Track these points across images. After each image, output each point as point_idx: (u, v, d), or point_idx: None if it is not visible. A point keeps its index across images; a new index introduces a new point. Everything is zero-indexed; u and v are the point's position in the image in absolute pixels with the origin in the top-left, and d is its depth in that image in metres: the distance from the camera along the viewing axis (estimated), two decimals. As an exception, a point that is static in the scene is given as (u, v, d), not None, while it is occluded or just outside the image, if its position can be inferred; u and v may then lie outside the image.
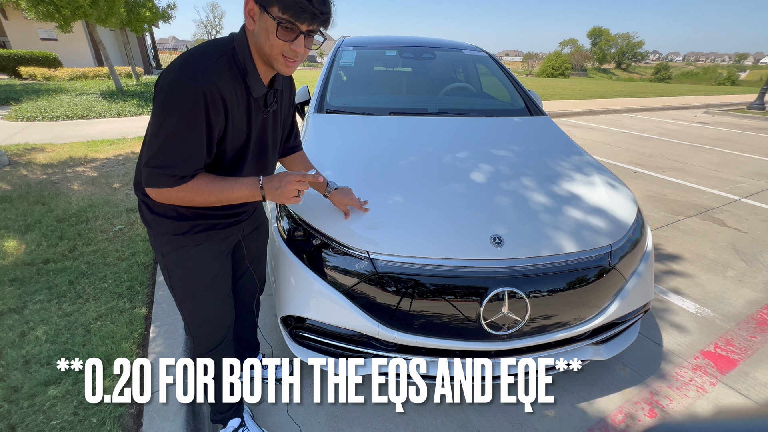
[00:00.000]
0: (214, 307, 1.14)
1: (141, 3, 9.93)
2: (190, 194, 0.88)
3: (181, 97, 0.79)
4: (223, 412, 1.32)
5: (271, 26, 0.81)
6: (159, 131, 0.81)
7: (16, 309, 1.89)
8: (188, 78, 0.79)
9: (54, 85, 10.68)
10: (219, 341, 1.19)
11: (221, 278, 1.12)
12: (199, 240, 1.02)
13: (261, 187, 0.94)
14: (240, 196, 0.94)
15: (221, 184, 0.91)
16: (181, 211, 0.98)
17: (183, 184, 0.86)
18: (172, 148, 0.82)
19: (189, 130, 0.81)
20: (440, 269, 1.25)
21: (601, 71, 73.69)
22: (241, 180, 0.94)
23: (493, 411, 1.52)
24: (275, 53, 0.85)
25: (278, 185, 0.95)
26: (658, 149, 6.23)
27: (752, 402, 1.61)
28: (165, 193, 0.87)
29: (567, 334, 1.36)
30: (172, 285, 1.08)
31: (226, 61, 0.86)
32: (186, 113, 0.80)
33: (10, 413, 1.36)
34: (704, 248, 2.91)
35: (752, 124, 9.41)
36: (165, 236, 1.00)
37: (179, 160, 0.83)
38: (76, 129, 5.97)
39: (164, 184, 0.85)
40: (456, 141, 1.95)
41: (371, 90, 2.68)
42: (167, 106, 0.80)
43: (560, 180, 1.66)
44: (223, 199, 0.92)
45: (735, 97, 17.05)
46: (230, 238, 1.12)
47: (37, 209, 2.95)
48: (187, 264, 1.03)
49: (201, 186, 0.88)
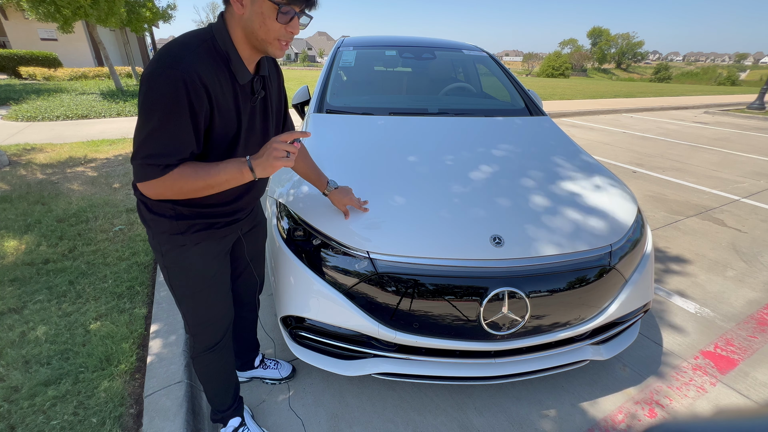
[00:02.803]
0: (214, 305, 1.14)
1: (141, 3, 9.91)
2: (178, 182, 0.86)
3: (160, 86, 0.79)
4: (223, 411, 1.31)
5: (268, 10, 0.81)
6: (143, 123, 0.81)
7: (16, 309, 1.89)
8: (166, 67, 0.79)
9: (54, 85, 10.68)
10: (218, 340, 1.20)
11: (220, 277, 1.12)
12: (197, 239, 1.02)
13: (250, 165, 0.89)
14: (228, 177, 0.90)
15: (207, 167, 0.89)
16: (179, 211, 0.98)
17: (169, 173, 0.85)
18: (156, 137, 0.82)
19: (172, 118, 0.81)
20: (440, 269, 1.25)
21: (601, 71, 73.70)
22: (229, 161, 0.91)
23: (493, 411, 1.52)
24: (271, 38, 0.85)
25: (263, 152, 0.90)
26: (658, 149, 6.23)
27: (752, 402, 1.61)
28: (154, 185, 0.86)
29: (567, 334, 1.36)
30: (172, 284, 1.08)
31: (206, 49, 0.85)
32: (167, 101, 0.80)
33: (10, 413, 1.36)
34: (704, 248, 2.91)
35: (752, 124, 9.41)
36: (164, 235, 1.00)
37: (165, 149, 0.83)
38: (76, 129, 5.97)
39: (152, 174, 0.84)
40: (456, 141, 1.95)
41: (371, 90, 2.68)
42: (148, 98, 0.80)
43: (560, 180, 1.66)
44: (211, 183, 0.89)
45: (735, 97, 17.05)
46: (229, 237, 1.12)
47: (37, 209, 2.95)
48: (186, 263, 1.03)
49: (187, 172, 0.86)
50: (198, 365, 1.23)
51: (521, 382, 1.64)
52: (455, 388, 1.61)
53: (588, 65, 74.01)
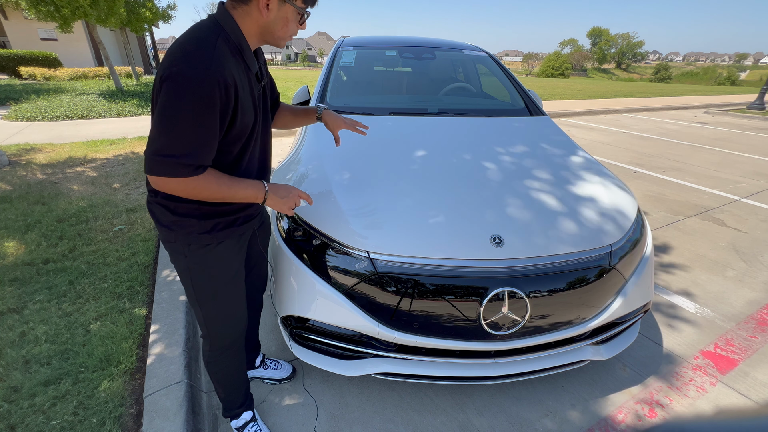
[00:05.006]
0: (234, 304, 1.15)
1: (141, 3, 9.92)
2: (199, 186, 0.88)
3: (194, 87, 0.79)
4: (236, 408, 1.34)
5: (292, 15, 0.92)
6: (172, 121, 0.81)
7: (16, 309, 1.89)
8: (198, 68, 0.80)
9: (54, 85, 10.68)
10: (236, 339, 1.21)
11: (239, 275, 1.14)
12: (221, 237, 1.03)
13: (266, 192, 1.01)
14: (244, 196, 0.97)
15: (230, 181, 0.94)
16: (205, 210, 0.98)
17: (197, 176, 0.86)
18: (187, 136, 0.82)
19: (204, 119, 0.82)
20: (440, 269, 1.25)
21: (601, 71, 73.71)
22: (248, 182, 0.98)
23: (493, 411, 1.52)
24: (288, 36, 0.95)
25: (286, 194, 1.04)
26: (658, 149, 6.23)
27: (752, 402, 1.61)
28: (173, 183, 0.86)
29: (567, 334, 1.36)
30: (194, 285, 1.07)
31: (223, 42, 0.87)
32: (200, 103, 0.80)
33: (10, 413, 1.36)
34: (704, 248, 2.91)
35: (752, 124, 9.41)
36: (190, 236, 0.99)
37: (193, 149, 0.83)
38: (76, 129, 5.97)
39: (178, 173, 0.84)
40: (456, 141, 1.95)
41: (371, 90, 2.68)
42: (180, 96, 0.79)
43: (560, 180, 1.66)
44: (227, 196, 0.94)
45: (735, 97, 17.06)
46: (246, 234, 1.13)
47: (37, 209, 2.95)
48: (210, 263, 1.04)
49: (211, 180, 0.89)
50: (214, 367, 1.23)
51: (521, 382, 1.64)
52: (455, 388, 1.61)
53: (588, 65, 74.03)
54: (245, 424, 1.35)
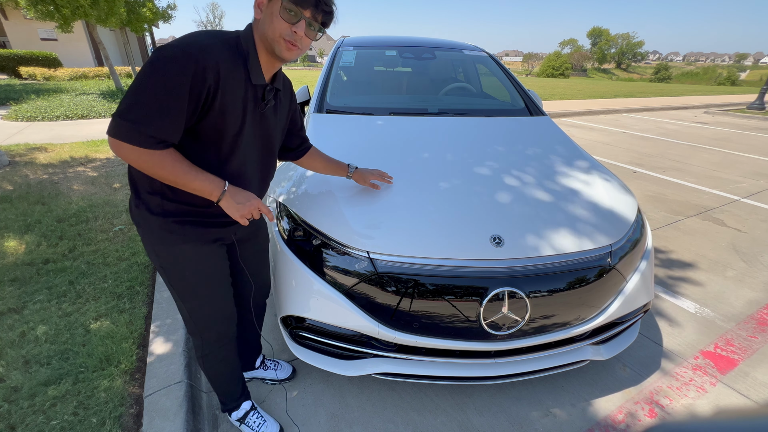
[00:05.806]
0: (216, 301, 1.14)
1: (141, 3, 9.92)
2: (153, 161, 0.85)
3: (171, 59, 0.80)
4: (235, 400, 1.36)
5: (276, 8, 0.87)
6: (139, 86, 0.80)
7: (16, 309, 1.89)
8: (183, 47, 0.82)
9: (54, 85, 10.68)
10: (225, 333, 1.21)
11: (218, 275, 1.12)
12: (186, 238, 1.01)
13: (223, 191, 0.94)
14: (199, 188, 0.92)
15: (188, 168, 0.89)
16: (166, 207, 0.97)
17: (156, 150, 0.84)
18: (150, 104, 0.80)
19: (171, 90, 0.80)
20: (440, 269, 1.25)
21: (601, 71, 73.69)
22: (209, 176, 0.93)
23: (493, 411, 1.52)
24: (276, 36, 0.89)
25: (244, 201, 0.97)
26: (658, 149, 6.23)
27: (752, 402, 1.60)
28: (127, 149, 0.82)
29: (567, 334, 1.36)
30: (171, 283, 1.08)
31: (226, 42, 0.89)
32: (171, 73, 0.80)
33: (10, 413, 1.36)
34: (704, 248, 2.91)
35: (752, 124, 9.41)
36: (153, 235, 1.00)
37: (153, 119, 0.81)
38: (76, 129, 5.97)
39: (133, 140, 0.81)
40: (456, 141, 1.95)
41: (371, 90, 2.68)
42: (156, 65, 0.80)
43: (560, 180, 1.66)
44: (180, 182, 0.89)
45: (735, 97, 17.06)
46: (222, 239, 1.11)
47: (37, 209, 2.95)
48: (180, 262, 1.04)
49: (167, 160, 0.86)
50: (207, 363, 1.24)
51: (521, 382, 1.64)
52: (455, 388, 1.61)
53: (588, 65, 73.99)
54: (246, 414, 1.36)
